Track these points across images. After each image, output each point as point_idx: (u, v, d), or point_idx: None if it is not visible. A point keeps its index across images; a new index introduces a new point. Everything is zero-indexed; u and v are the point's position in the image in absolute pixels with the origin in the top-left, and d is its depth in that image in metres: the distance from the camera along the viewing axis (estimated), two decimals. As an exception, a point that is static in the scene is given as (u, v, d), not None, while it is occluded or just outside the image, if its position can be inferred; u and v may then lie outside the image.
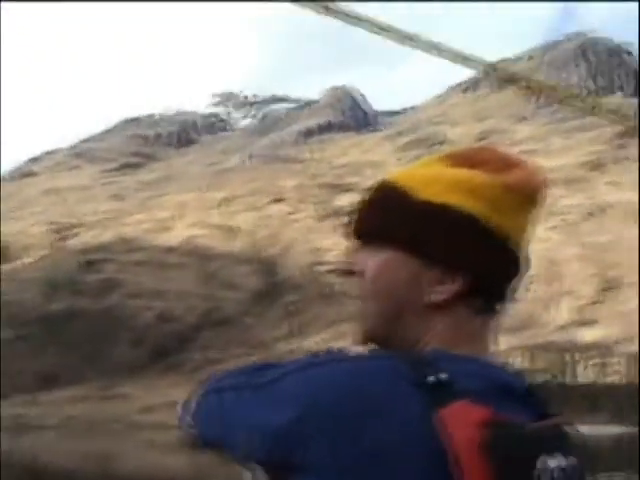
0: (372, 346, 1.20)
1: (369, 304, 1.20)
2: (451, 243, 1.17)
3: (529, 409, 1.15)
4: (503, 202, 1.16)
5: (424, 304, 1.17)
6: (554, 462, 1.12)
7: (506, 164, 1.19)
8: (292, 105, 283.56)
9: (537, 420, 1.14)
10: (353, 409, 1.03)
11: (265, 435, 1.06)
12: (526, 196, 1.18)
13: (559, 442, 1.13)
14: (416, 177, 1.22)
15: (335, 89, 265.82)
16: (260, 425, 1.06)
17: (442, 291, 1.16)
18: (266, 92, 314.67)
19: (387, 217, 1.20)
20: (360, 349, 1.14)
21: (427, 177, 1.21)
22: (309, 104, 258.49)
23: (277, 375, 1.08)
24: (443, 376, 1.07)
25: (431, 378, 1.06)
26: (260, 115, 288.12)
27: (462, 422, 1.04)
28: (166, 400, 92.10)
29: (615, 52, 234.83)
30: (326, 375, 1.05)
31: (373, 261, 1.20)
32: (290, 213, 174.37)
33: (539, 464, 1.09)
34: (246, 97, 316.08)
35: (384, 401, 1.04)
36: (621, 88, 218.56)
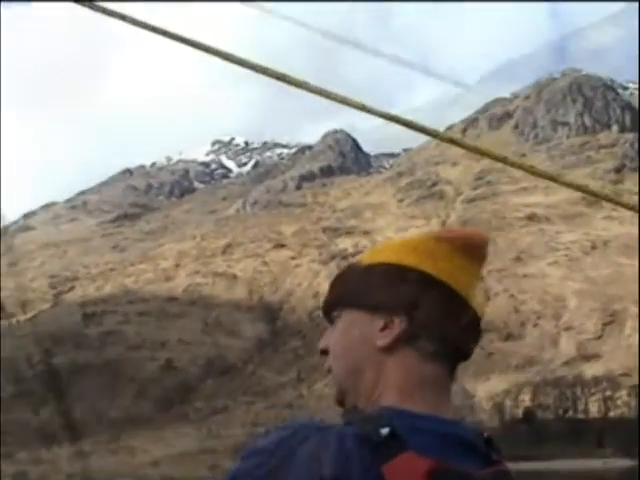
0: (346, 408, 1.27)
1: (335, 370, 1.29)
2: (387, 290, 1.26)
3: (481, 460, 1.17)
4: (435, 251, 1.26)
5: (376, 352, 1.25)
6: None
7: (451, 230, 1.32)
8: (289, 150, 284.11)
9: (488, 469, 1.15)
10: None
11: None
12: (458, 245, 1.28)
13: None
14: (373, 251, 1.34)
15: (333, 132, 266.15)
16: None
17: (386, 335, 1.23)
18: (260, 139, 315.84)
19: (338, 288, 1.32)
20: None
21: (380, 248, 1.33)
22: (306, 149, 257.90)
23: None
24: (386, 431, 1.10)
25: (377, 434, 1.10)
26: (256, 162, 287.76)
27: (408, 474, 1.07)
28: (173, 452, 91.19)
29: (610, 87, 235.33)
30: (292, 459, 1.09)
31: (334, 333, 1.31)
32: (292, 258, 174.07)
33: None
34: (246, 143, 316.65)
35: (338, 473, 1.08)
36: (617, 122, 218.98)
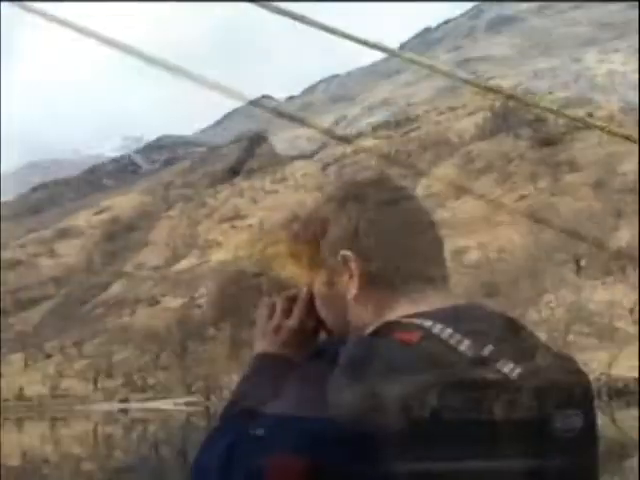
0: None
1: None
2: None
3: (357, 455, 1.15)
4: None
5: None
6: None
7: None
8: (201, 149, 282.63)
9: None
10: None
11: None
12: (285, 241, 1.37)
13: None
14: None
15: (246, 132, 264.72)
16: None
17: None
18: (171, 137, 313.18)
19: None
20: None
21: None
22: (216, 148, 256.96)
23: None
24: (261, 432, 1.10)
25: (253, 434, 1.11)
26: (167, 159, 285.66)
27: (284, 472, 1.07)
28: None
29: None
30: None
31: None
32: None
33: None
34: (158, 140, 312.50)
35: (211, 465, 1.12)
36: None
